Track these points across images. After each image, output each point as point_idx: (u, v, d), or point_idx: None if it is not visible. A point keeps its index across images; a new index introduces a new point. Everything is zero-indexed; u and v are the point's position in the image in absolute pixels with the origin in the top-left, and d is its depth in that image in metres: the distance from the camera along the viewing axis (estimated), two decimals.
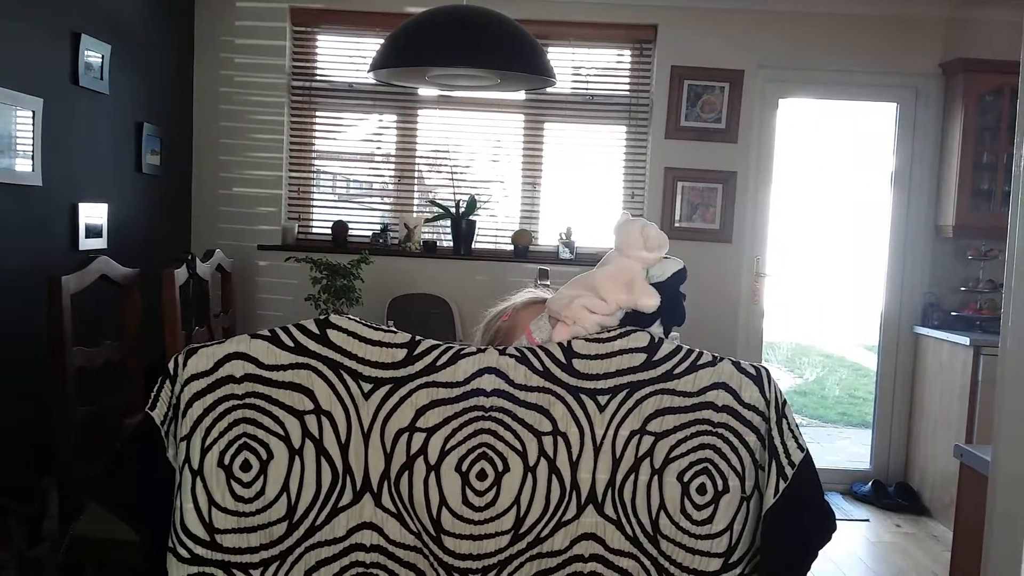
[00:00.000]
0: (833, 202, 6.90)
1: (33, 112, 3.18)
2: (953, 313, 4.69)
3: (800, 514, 1.39)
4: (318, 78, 4.91)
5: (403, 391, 1.35)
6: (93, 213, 3.68)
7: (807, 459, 1.39)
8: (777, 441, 1.38)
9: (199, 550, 1.33)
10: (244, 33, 4.75)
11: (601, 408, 1.36)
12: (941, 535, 4.31)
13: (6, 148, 3.03)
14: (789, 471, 1.37)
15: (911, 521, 4.53)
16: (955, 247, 4.76)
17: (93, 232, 3.68)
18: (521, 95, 4.85)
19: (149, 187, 4.24)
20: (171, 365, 1.36)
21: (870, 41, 4.70)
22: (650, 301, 1.45)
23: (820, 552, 1.45)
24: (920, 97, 4.80)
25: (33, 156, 3.21)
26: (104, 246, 3.72)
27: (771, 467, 1.38)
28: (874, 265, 5.06)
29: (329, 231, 4.85)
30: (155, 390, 1.36)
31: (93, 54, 3.59)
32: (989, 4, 4.55)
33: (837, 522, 1.47)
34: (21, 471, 3.11)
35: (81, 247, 3.55)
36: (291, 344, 1.36)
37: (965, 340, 4.29)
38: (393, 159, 4.99)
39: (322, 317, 1.39)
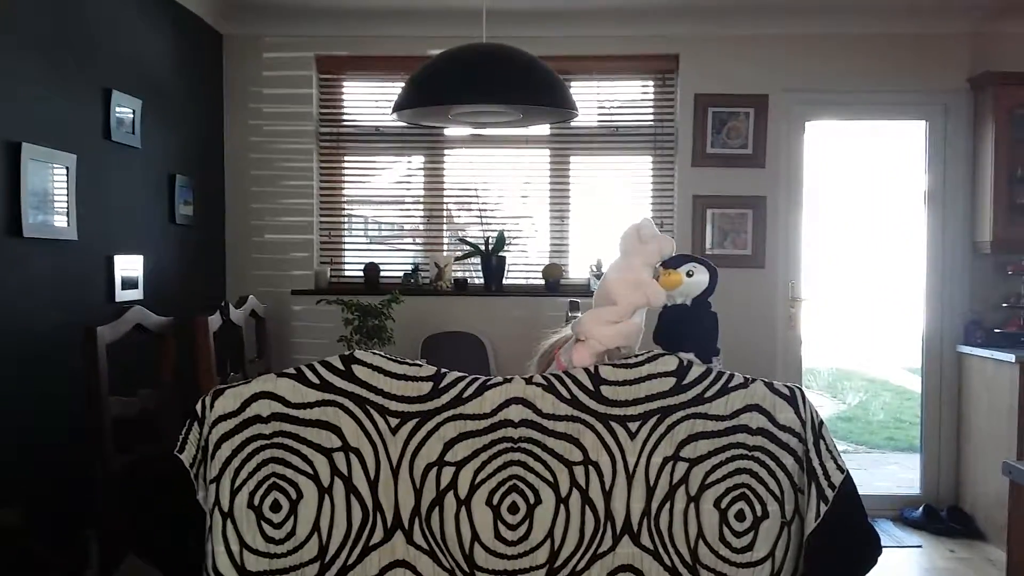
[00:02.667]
0: (867, 223, 6.81)
1: (67, 168, 3.25)
2: (996, 330, 4.59)
3: (844, 537, 1.35)
4: (345, 123, 4.98)
5: (430, 425, 1.34)
6: (128, 265, 3.73)
7: (848, 480, 1.36)
8: (816, 463, 1.35)
9: None
10: (272, 83, 4.83)
11: (632, 435, 1.34)
12: (997, 559, 4.17)
13: (42, 204, 3.09)
14: (830, 493, 1.34)
15: (965, 546, 4.40)
16: (994, 263, 4.67)
17: (129, 284, 3.73)
18: (546, 130, 4.87)
19: (183, 237, 4.30)
20: (198, 407, 1.36)
21: (895, 59, 4.66)
22: (660, 296, 1.44)
23: None
24: (949, 113, 4.74)
25: (68, 211, 3.27)
26: (140, 297, 3.77)
27: (811, 490, 1.34)
28: (912, 285, 4.97)
29: (361, 273, 4.88)
30: (183, 433, 1.36)
31: (124, 109, 3.67)
32: (1015, 17, 4.51)
33: (884, 546, 1.43)
34: (62, 523, 3.13)
35: (118, 299, 3.60)
36: (316, 381, 1.36)
37: (1010, 357, 4.18)
38: (422, 200, 5.02)
39: (347, 353, 1.39)
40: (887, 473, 6.21)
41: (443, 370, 1.39)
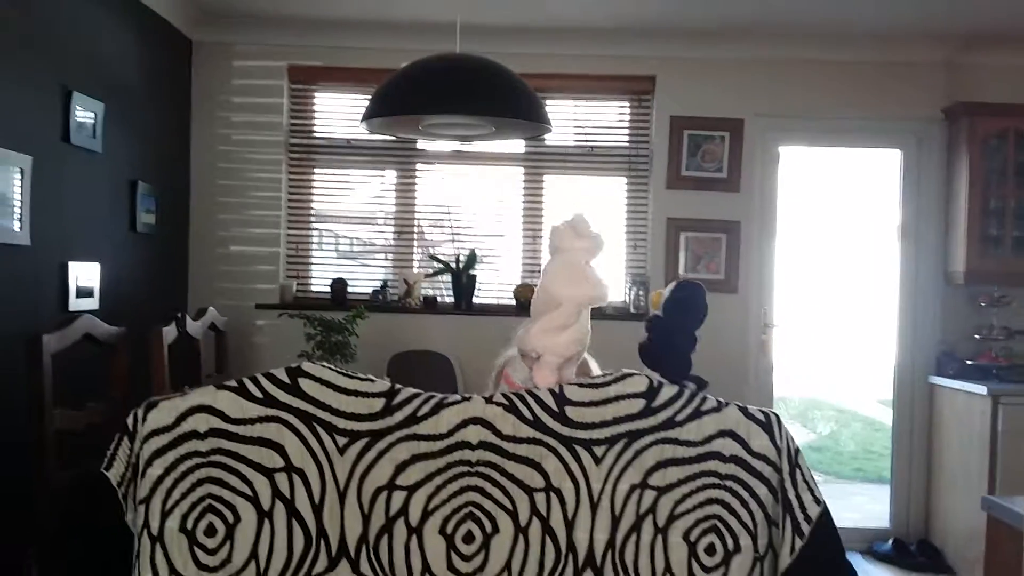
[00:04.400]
0: (840, 250, 6.81)
1: (21, 170, 3.13)
2: (968, 362, 4.55)
3: (819, 575, 1.27)
4: (316, 135, 4.89)
5: (382, 445, 1.25)
6: (84, 273, 3.60)
7: (825, 513, 1.28)
8: (791, 494, 1.27)
9: None
10: (242, 91, 4.74)
11: (597, 460, 1.26)
12: None
13: None
14: (806, 527, 1.26)
15: None
16: (966, 294, 4.65)
17: (84, 293, 3.60)
18: (520, 148, 4.81)
19: (144, 246, 4.18)
20: (130, 420, 1.26)
21: (870, 88, 4.66)
22: (605, 289, 1.37)
23: None
24: (923, 143, 4.74)
25: (21, 215, 3.14)
26: (96, 307, 3.63)
27: (786, 523, 1.27)
28: (885, 315, 4.94)
29: (328, 289, 4.77)
30: (112, 448, 1.26)
31: (85, 112, 3.55)
32: (990, 48, 4.52)
33: None
34: (4, 542, 2.98)
35: (71, 308, 3.46)
36: (260, 395, 1.26)
37: (982, 389, 4.15)
38: (393, 216, 4.93)
39: (294, 365, 1.29)
40: (855, 504, 6.16)
41: (397, 386, 1.30)
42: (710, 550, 1.27)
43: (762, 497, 1.28)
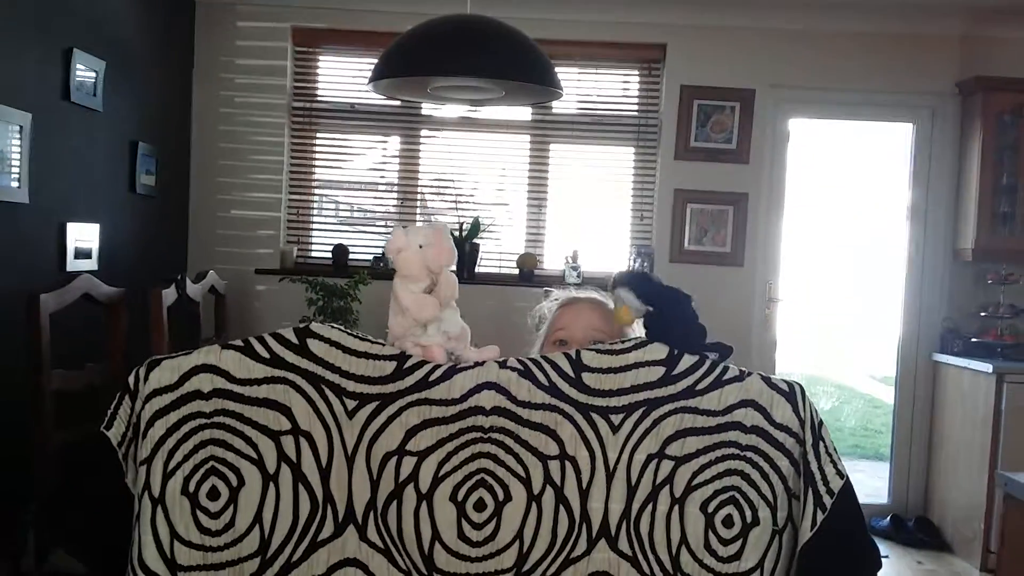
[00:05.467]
0: (848, 225, 6.75)
1: (21, 127, 3.07)
2: (973, 339, 4.52)
3: (840, 550, 1.24)
4: (319, 99, 4.81)
5: (392, 409, 1.20)
6: (83, 234, 3.55)
7: (847, 487, 1.24)
8: (814, 467, 1.23)
9: None
10: (245, 53, 4.66)
11: (614, 428, 1.22)
12: (964, 571, 4.12)
13: None
14: (828, 501, 1.22)
15: (932, 557, 4.34)
16: (974, 271, 4.61)
17: (83, 254, 3.55)
18: (527, 115, 4.74)
19: (144, 208, 4.12)
20: (131, 379, 1.22)
21: (884, 60, 4.58)
22: (406, 299, 1.37)
23: None
24: (936, 117, 4.67)
25: (20, 173, 3.09)
26: (94, 268, 3.58)
27: (807, 496, 1.23)
28: (890, 290, 4.90)
29: (329, 255, 4.72)
30: (112, 407, 1.21)
31: (86, 71, 3.48)
32: (1005, 22, 4.44)
33: (881, 559, 1.32)
34: (2, 504, 2.95)
35: (69, 268, 3.42)
36: (266, 355, 1.21)
37: (987, 367, 4.12)
38: (396, 182, 4.87)
39: (302, 325, 1.25)
40: (854, 480, 6.08)
41: None
42: (728, 522, 1.23)
43: (783, 469, 1.24)
